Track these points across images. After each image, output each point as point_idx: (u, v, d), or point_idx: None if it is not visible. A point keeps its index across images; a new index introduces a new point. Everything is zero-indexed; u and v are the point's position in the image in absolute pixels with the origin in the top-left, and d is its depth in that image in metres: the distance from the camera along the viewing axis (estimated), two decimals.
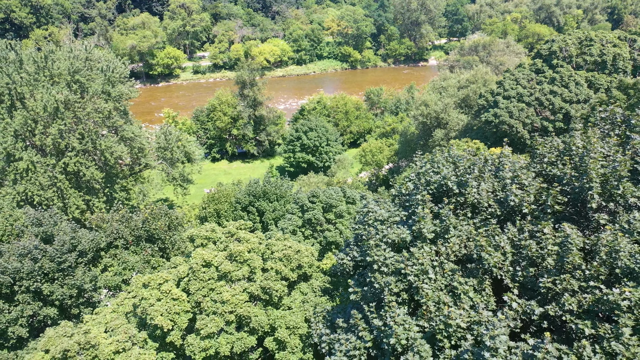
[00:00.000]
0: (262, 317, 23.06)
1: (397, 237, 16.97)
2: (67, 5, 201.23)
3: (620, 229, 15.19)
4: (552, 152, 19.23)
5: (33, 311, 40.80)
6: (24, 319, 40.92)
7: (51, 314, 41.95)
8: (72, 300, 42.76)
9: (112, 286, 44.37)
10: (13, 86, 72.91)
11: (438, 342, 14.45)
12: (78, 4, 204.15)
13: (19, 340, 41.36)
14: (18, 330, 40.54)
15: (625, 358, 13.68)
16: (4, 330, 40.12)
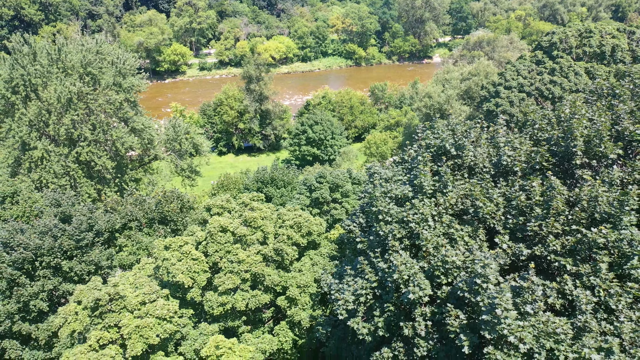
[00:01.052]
0: (274, 276, 24.91)
1: (400, 193, 18.76)
2: (75, 3, 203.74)
3: (601, 181, 16.95)
4: (543, 120, 21.00)
5: (53, 286, 42.67)
6: (44, 294, 42.83)
7: (70, 290, 43.82)
8: (89, 276, 44.72)
9: (127, 265, 46.27)
10: (27, 77, 74.97)
11: (436, 279, 16.24)
12: (86, 1, 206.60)
13: (40, 314, 43.27)
14: (39, 304, 42.45)
15: (602, 290, 15.45)
16: (26, 304, 41.98)
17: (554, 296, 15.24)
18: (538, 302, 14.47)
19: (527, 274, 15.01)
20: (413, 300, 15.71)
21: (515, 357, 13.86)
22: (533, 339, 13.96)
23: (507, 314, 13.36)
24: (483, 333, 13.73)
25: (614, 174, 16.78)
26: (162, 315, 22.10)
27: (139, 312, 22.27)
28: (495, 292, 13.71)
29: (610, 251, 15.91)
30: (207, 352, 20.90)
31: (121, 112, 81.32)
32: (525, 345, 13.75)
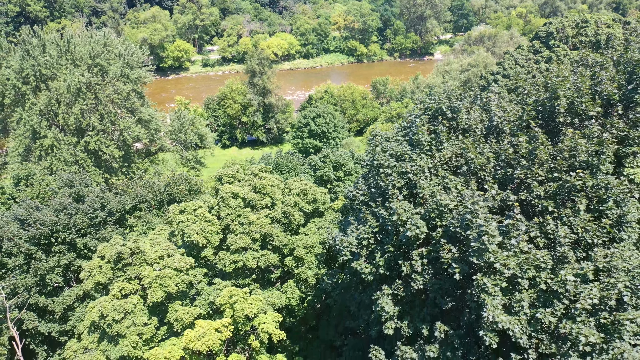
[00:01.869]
0: (282, 237, 26.73)
1: (399, 150, 20.56)
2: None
3: (581, 134, 18.74)
4: (533, 87, 22.79)
5: (68, 261, 44.43)
6: (59, 269, 44.65)
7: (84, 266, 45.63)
8: None
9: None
10: (38, 68, 76.72)
11: (431, 221, 18.04)
12: None
13: (55, 289, 45.10)
14: (55, 278, 44.28)
15: (580, 228, 17.24)
16: (43, 277, 43.79)
17: (536, 231, 17.01)
18: (522, 236, 16.26)
19: (513, 212, 16.81)
20: (410, 239, 17.51)
21: (500, 281, 15.65)
22: (516, 266, 15.75)
23: (492, 239, 15.15)
24: (472, 259, 15.52)
25: (593, 127, 18.57)
26: (179, 267, 23.93)
27: (157, 265, 24.10)
28: (483, 222, 15.50)
29: (588, 195, 17.69)
30: (222, 301, 22.69)
31: (128, 102, 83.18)
32: (510, 270, 15.54)
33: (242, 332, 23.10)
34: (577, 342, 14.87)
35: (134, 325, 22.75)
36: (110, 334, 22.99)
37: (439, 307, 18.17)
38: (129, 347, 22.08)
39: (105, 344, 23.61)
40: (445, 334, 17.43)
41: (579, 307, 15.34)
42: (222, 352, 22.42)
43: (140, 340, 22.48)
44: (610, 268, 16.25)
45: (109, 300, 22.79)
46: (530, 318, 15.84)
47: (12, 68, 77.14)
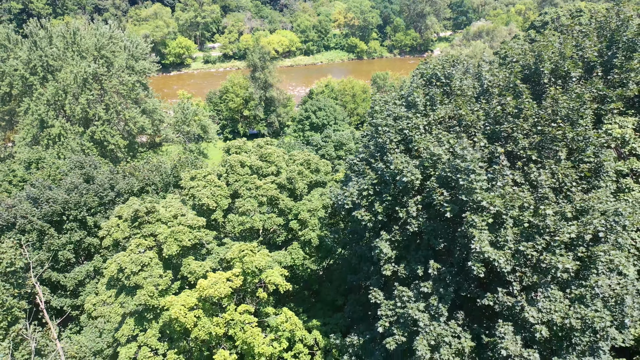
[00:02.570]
0: (287, 201, 28.45)
1: (397, 111, 22.27)
2: None
3: (562, 92, 20.45)
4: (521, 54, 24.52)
5: (80, 238, 46.08)
6: (71, 245, 46.32)
7: (94, 243, 47.30)
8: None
9: None
10: (45, 59, 78.31)
11: (425, 171, 19.75)
12: None
13: (67, 264, 46.78)
14: (67, 255, 45.96)
15: (561, 174, 18.95)
16: (55, 253, 45.46)
17: (520, 178, 18.73)
18: (507, 179, 17.97)
19: (499, 159, 18.52)
20: (406, 186, 19.23)
21: (486, 217, 17.35)
22: (501, 204, 17.46)
23: (479, 178, 16.86)
24: (461, 197, 17.23)
25: (574, 86, 20.29)
26: (192, 224, 25.62)
27: (171, 223, 25.78)
28: (471, 164, 17.22)
29: (568, 145, 19.40)
30: (232, 255, 24.38)
31: (133, 93, 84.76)
32: (495, 208, 17.26)
33: (251, 284, 24.78)
34: (556, 270, 16.57)
35: (150, 277, 24.45)
36: (128, 286, 24.68)
37: (433, 248, 19.88)
38: (146, 296, 23.77)
39: (122, 297, 25.31)
40: (438, 272, 19.12)
41: (557, 240, 17.04)
42: (232, 302, 24.11)
43: (156, 290, 24.16)
44: (587, 208, 17.96)
45: (127, 255, 24.49)
46: (514, 252, 17.54)
47: (20, 59, 78.87)
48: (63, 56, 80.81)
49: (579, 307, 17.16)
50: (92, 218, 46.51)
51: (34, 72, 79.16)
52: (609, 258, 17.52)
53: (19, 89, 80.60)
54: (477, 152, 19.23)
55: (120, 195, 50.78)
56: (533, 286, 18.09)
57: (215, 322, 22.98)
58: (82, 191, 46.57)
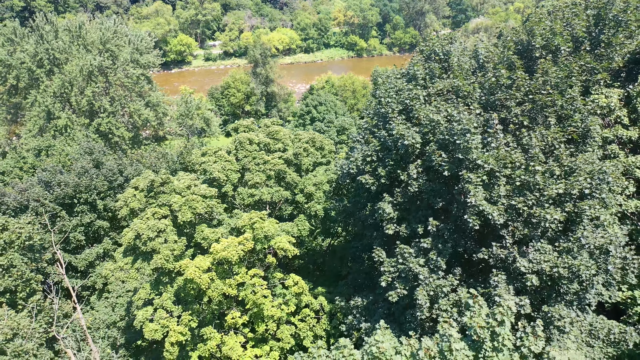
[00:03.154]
0: (294, 176, 29.97)
1: (399, 84, 23.81)
2: None
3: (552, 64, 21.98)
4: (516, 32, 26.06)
5: (90, 220, 47.55)
6: (82, 227, 47.81)
7: (104, 226, 48.81)
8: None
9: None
10: (52, 52, 79.75)
11: (425, 136, 21.28)
12: None
13: (78, 246, 48.30)
14: (77, 236, 47.44)
15: (550, 138, 20.48)
16: (67, 235, 46.92)
17: (513, 142, 20.26)
18: (500, 140, 19.51)
19: (493, 124, 20.05)
20: (407, 149, 20.76)
21: (481, 174, 18.88)
22: (495, 162, 18.99)
23: (474, 137, 18.39)
24: (458, 155, 18.76)
25: (562, 59, 21.83)
26: (205, 194, 27.11)
27: (185, 193, 27.26)
28: (466, 124, 18.76)
29: (557, 112, 20.94)
30: (242, 223, 25.87)
31: (138, 86, 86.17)
32: (489, 165, 18.78)
33: (260, 251, 26.27)
34: (545, 222, 18.10)
35: (166, 242, 25.94)
36: (145, 252, 26.15)
37: (432, 208, 21.40)
38: (162, 260, 25.24)
39: (139, 263, 26.78)
40: (437, 228, 20.64)
41: (546, 195, 18.57)
42: (243, 267, 25.58)
43: (171, 255, 25.64)
44: (574, 168, 19.50)
45: (143, 222, 25.98)
46: (507, 207, 19.08)
47: (26, 52, 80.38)
48: (69, 49, 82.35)
49: (566, 258, 18.68)
50: (101, 202, 48.01)
51: (40, 65, 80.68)
52: (594, 214, 19.06)
53: (26, 81, 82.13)
54: (472, 118, 20.76)
55: (128, 181, 52.16)
56: (524, 240, 19.62)
57: (228, 283, 24.48)
58: (93, 175, 48.05)
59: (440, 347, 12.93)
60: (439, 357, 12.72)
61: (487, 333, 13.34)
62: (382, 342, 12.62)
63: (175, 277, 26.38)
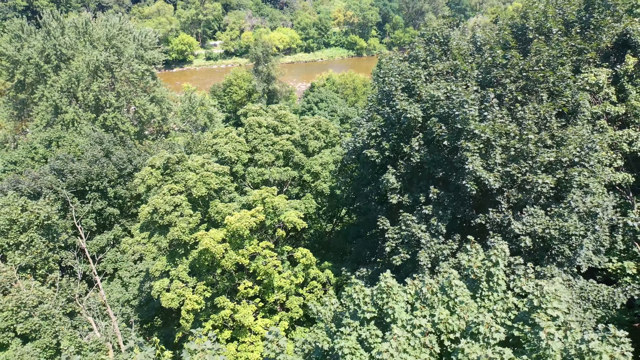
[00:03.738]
0: (301, 156, 31.56)
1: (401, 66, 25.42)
2: None
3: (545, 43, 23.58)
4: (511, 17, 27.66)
5: (101, 207, 49.08)
6: (93, 214, 49.30)
7: (114, 213, 50.31)
8: (130, 202, 51.31)
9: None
10: (59, 48, 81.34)
11: (426, 111, 22.86)
12: None
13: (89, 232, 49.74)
14: (89, 222, 48.91)
15: (542, 111, 22.07)
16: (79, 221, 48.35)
17: (508, 116, 21.85)
18: (496, 113, 21.09)
19: (489, 98, 21.64)
20: (410, 122, 22.35)
21: (478, 143, 20.46)
22: (491, 132, 20.57)
23: (471, 107, 19.98)
24: (456, 126, 20.35)
25: (554, 39, 23.43)
26: (218, 171, 28.67)
27: (199, 170, 28.82)
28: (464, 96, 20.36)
29: (550, 89, 22.53)
30: (254, 199, 27.43)
31: (143, 81, 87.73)
32: (485, 134, 20.36)
33: (270, 226, 27.82)
34: (537, 186, 19.68)
35: (182, 216, 27.48)
36: (162, 225, 27.70)
37: (433, 177, 22.98)
38: (179, 232, 26.78)
39: (156, 237, 28.30)
40: (438, 196, 22.21)
41: (538, 162, 20.16)
42: (255, 238, 27.13)
43: (187, 227, 27.20)
44: (565, 138, 21.09)
45: (160, 197, 27.54)
46: (502, 174, 20.67)
47: (34, 47, 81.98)
48: (75, 46, 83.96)
49: (557, 221, 20.25)
50: (112, 189, 49.54)
51: (47, 61, 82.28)
52: (583, 182, 20.65)
53: (33, 77, 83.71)
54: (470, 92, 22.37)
55: (137, 170, 53.65)
56: (519, 204, 21.19)
57: (241, 253, 26.03)
58: (103, 164, 49.61)
59: (441, 284, 14.50)
60: (439, 293, 14.28)
61: (483, 273, 14.91)
62: (389, 279, 14.18)
63: (190, 250, 27.91)
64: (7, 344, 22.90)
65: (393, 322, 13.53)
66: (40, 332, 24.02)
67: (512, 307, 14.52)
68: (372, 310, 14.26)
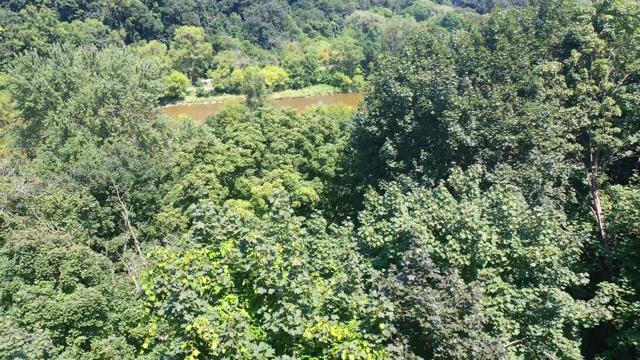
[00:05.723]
0: (310, 145, 37.19)
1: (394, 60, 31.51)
2: (81, 35, 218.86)
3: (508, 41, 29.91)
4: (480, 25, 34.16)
5: (120, 209, 53.66)
6: (112, 216, 53.84)
7: (132, 215, 54.88)
8: (146, 205, 56.01)
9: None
10: (68, 77, 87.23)
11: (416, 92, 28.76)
12: (91, 34, 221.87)
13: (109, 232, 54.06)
14: (109, 224, 53.36)
15: (507, 90, 28.09)
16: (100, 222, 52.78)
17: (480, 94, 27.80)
18: (470, 90, 27.06)
19: (465, 80, 27.66)
20: (402, 103, 28.19)
21: (457, 112, 26.27)
22: (468, 104, 26.43)
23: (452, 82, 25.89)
24: (441, 98, 26.21)
25: (515, 37, 29.78)
26: (242, 153, 33.91)
27: (226, 153, 34.06)
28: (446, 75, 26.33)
29: (512, 75, 28.64)
30: (273, 175, 32.72)
31: (146, 108, 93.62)
32: (463, 105, 26.21)
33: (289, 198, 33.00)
34: (504, 142, 25.46)
35: (212, 189, 32.49)
36: (195, 197, 32.66)
37: (423, 143, 28.65)
38: (211, 201, 31.72)
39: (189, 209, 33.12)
40: (427, 157, 27.81)
41: (505, 125, 26.01)
42: None
43: (218, 198, 32.16)
44: (525, 110, 27.06)
45: (194, 174, 32.66)
46: (477, 135, 26.43)
47: (45, 76, 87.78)
48: (83, 75, 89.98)
49: (521, 171, 25.92)
50: (129, 194, 54.28)
51: (57, 89, 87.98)
52: (541, 142, 26.47)
53: (42, 104, 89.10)
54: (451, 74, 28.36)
55: (151, 179, 58.57)
56: (491, 161, 26.87)
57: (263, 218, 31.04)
58: (122, 171, 54.53)
59: (433, 192, 19.92)
60: (432, 197, 19.65)
61: (464, 186, 20.36)
62: (395, 187, 19.55)
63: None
64: (73, 287, 27.19)
65: (399, 213, 18.86)
66: (100, 279, 28.39)
67: (486, 208, 19.93)
68: (383, 210, 19.57)
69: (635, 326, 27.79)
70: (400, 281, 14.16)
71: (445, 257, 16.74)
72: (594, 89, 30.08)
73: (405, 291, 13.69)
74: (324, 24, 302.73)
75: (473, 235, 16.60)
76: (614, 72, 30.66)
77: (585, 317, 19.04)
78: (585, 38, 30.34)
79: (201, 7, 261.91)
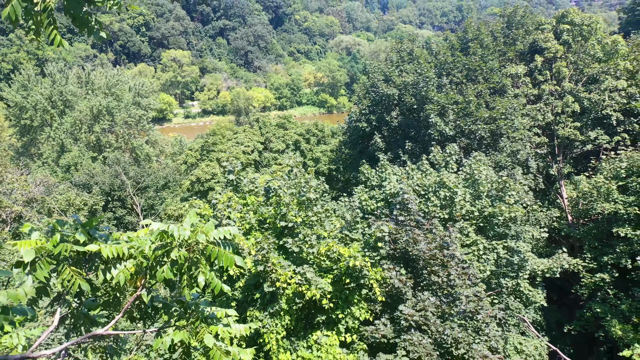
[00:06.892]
0: (307, 144, 40.87)
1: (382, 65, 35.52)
2: (69, 59, 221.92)
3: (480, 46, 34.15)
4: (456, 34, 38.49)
5: (122, 214, 56.42)
6: (114, 220, 56.52)
7: (133, 220, 57.63)
8: (147, 212, 58.73)
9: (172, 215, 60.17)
10: (65, 95, 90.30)
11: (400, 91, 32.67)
12: (79, 58, 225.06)
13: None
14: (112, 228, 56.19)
15: (479, 88, 32.18)
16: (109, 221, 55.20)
17: (457, 92, 31.78)
18: (447, 88, 31.03)
19: (443, 80, 31.67)
20: (389, 99, 32.04)
21: (436, 107, 30.16)
22: (445, 99, 30.34)
23: (432, 81, 29.85)
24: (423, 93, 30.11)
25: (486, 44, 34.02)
26: (245, 151, 37.32)
27: (230, 150, 37.45)
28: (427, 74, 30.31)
29: (484, 75, 32.75)
30: (273, 169, 36.17)
31: (140, 125, 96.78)
32: (441, 100, 30.13)
33: None
34: (478, 132, 29.36)
35: (218, 182, 35.76)
36: (202, 191, 35.87)
37: (407, 135, 32.46)
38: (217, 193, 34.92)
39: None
40: (411, 147, 31.57)
41: (478, 117, 29.96)
42: None
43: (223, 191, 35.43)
44: (495, 105, 31.10)
45: (200, 169, 35.95)
46: (455, 126, 30.32)
47: (42, 94, 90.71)
48: (78, 93, 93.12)
49: (493, 157, 29.77)
50: (130, 200, 57.12)
51: (54, 106, 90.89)
52: (510, 133, 30.44)
53: (38, 121, 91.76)
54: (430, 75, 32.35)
55: (150, 187, 61.50)
56: (467, 149, 30.71)
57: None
58: (123, 178, 57.44)
59: (417, 165, 23.58)
60: (416, 169, 23.29)
61: (443, 161, 24.06)
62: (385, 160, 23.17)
63: None
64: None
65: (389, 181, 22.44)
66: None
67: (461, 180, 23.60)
68: (376, 181, 23.14)
69: (599, 297, 31.48)
70: (392, 222, 17.65)
71: (428, 210, 20.28)
72: (556, 89, 34.36)
73: (397, 228, 17.17)
74: (309, 48, 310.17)
75: (451, 193, 20.21)
76: (573, 75, 35.05)
77: (547, 268, 22.63)
78: (546, 45, 34.73)
79: (188, 32, 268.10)
